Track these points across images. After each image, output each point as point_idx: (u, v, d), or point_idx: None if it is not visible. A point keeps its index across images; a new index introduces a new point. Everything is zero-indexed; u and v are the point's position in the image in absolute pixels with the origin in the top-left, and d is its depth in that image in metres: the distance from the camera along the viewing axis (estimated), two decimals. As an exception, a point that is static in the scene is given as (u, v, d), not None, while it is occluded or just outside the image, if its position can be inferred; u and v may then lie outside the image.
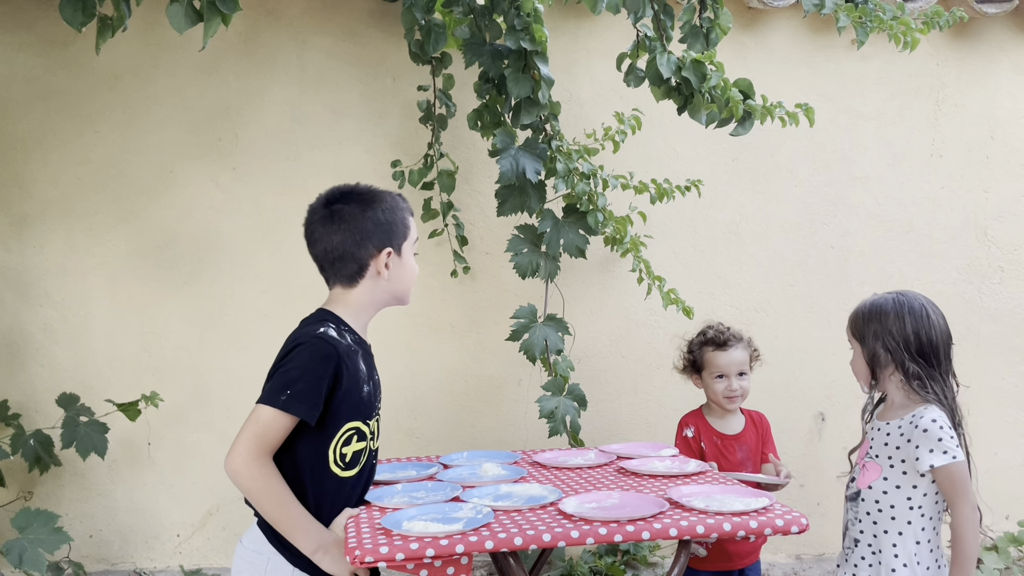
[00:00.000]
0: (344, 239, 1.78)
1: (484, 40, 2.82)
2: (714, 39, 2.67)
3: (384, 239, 1.79)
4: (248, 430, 1.66)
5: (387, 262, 1.80)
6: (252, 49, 3.16)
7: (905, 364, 1.96)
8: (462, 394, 3.31)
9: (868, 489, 1.99)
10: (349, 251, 1.78)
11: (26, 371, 3.12)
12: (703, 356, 2.53)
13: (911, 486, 1.93)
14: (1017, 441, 3.62)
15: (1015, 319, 3.61)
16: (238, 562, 1.79)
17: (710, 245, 3.42)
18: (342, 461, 1.75)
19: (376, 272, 1.80)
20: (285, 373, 1.68)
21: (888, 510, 1.95)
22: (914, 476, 1.92)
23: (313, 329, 1.73)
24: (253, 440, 1.65)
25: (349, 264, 1.80)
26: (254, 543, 1.75)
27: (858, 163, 3.49)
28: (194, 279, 3.17)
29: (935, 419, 1.90)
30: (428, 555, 1.52)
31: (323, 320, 1.78)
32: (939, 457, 1.87)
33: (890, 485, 1.95)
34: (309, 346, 1.70)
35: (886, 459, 1.97)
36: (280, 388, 1.66)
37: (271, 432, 1.66)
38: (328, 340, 1.71)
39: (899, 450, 1.95)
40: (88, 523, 3.17)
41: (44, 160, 3.09)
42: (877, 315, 2.01)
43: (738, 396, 2.50)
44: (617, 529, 1.61)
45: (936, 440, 1.88)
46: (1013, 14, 3.50)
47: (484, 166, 3.22)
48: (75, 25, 1.94)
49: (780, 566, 3.45)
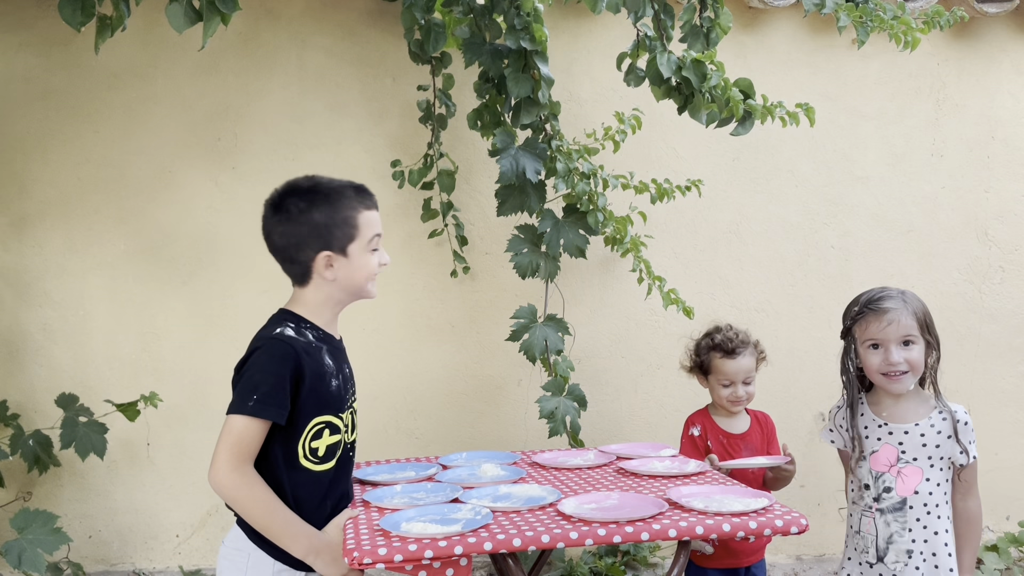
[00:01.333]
0: (285, 242, 1.77)
1: (484, 40, 2.82)
2: (714, 39, 2.66)
3: (322, 243, 1.74)
4: (224, 442, 1.66)
5: (329, 264, 1.76)
6: (252, 49, 3.16)
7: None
8: (462, 394, 3.31)
9: (915, 495, 1.97)
10: (290, 254, 1.77)
11: (25, 371, 3.11)
12: (711, 361, 2.51)
13: (946, 480, 1.98)
14: (1017, 441, 3.61)
15: (1015, 319, 3.60)
16: (221, 562, 1.79)
17: (710, 245, 3.41)
18: (313, 456, 1.75)
19: (320, 274, 1.77)
20: (249, 379, 1.68)
21: (935, 510, 1.96)
22: (948, 471, 1.98)
23: (270, 331, 1.74)
24: (230, 450, 1.66)
25: (294, 266, 1.79)
26: (234, 541, 1.76)
27: (858, 163, 3.49)
28: (193, 279, 3.17)
29: (967, 411, 1.98)
30: (427, 556, 1.52)
31: (282, 320, 1.78)
32: (975, 448, 1.97)
33: (933, 485, 1.97)
34: (266, 348, 1.70)
35: (926, 460, 1.97)
36: (247, 394, 1.66)
37: (246, 440, 1.66)
38: (284, 340, 1.71)
39: (939, 448, 1.97)
40: (87, 523, 3.17)
41: (43, 160, 3.09)
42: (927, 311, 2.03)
43: (743, 401, 2.51)
44: (616, 530, 1.61)
45: (971, 431, 1.97)
46: (1014, 14, 3.50)
47: (484, 166, 3.22)
48: (74, 25, 1.93)
49: (780, 566, 3.45)
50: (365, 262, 1.78)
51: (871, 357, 2.02)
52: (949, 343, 3.53)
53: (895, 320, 1.97)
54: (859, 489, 2.07)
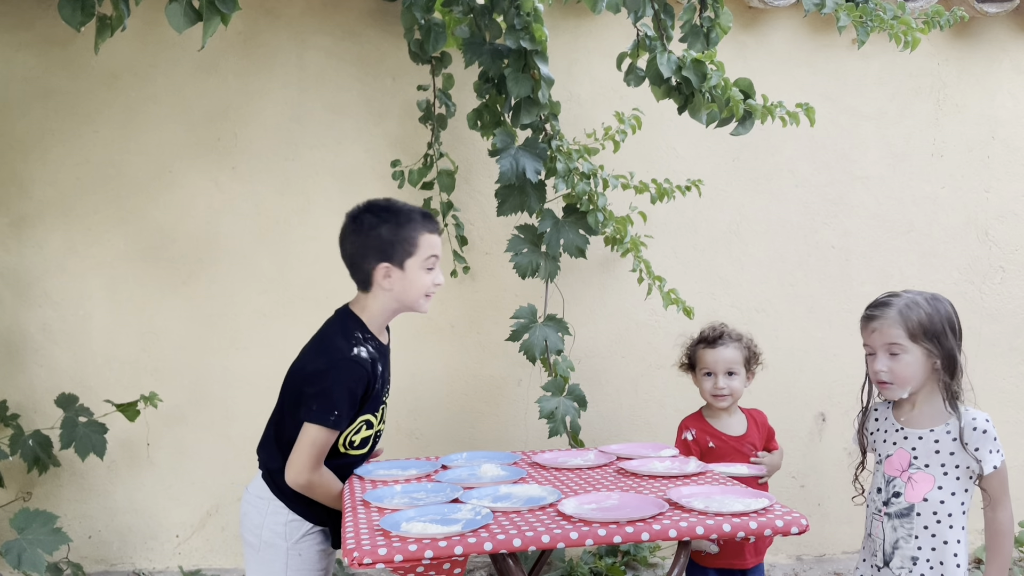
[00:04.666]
0: (353, 251, 2.04)
1: (484, 40, 2.82)
2: (714, 39, 2.66)
3: (383, 255, 1.99)
4: (305, 448, 1.93)
5: (387, 275, 2.00)
6: (251, 49, 3.16)
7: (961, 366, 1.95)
8: (462, 394, 3.31)
9: (923, 502, 1.93)
10: (356, 262, 2.04)
11: (25, 371, 3.11)
12: (696, 354, 2.54)
13: (963, 490, 1.92)
14: (1017, 441, 3.61)
15: (1016, 319, 3.60)
16: (245, 506, 2.08)
17: (710, 245, 3.41)
18: (350, 446, 2.04)
19: (379, 283, 2.02)
20: (329, 396, 1.92)
21: (946, 519, 1.91)
22: (966, 480, 1.91)
23: (347, 348, 1.96)
24: (311, 457, 1.93)
25: (359, 272, 2.04)
26: (258, 490, 2.05)
27: (859, 163, 3.49)
28: (193, 279, 3.16)
29: (987, 419, 1.91)
30: (427, 556, 1.52)
31: (352, 332, 2.01)
32: (996, 457, 1.90)
33: (946, 493, 1.92)
34: (347, 370, 1.94)
35: (938, 467, 1.93)
36: (329, 410, 1.92)
37: (323, 446, 1.95)
38: (361, 363, 1.96)
39: (953, 455, 1.91)
40: (87, 524, 3.17)
41: (43, 160, 3.09)
42: (944, 316, 1.95)
43: (726, 395, 2.48)
44: (616, 530, 1.60)
45: (992, 440, 1.90)
46: (1014, 14, 3.50)
47: (484, 166, 3.22)
48: (74, 25, 1.93)
49: (780, 567, 3.45)
50: (419, 278, 2.02)
51: (868, 363, 2.03)
52: (949, 343, 3.54)
53: (877, 328, 1.96)
54: (874, 492, 2.06)
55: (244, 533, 2.08)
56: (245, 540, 2.08)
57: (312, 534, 2.04)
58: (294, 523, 2.02)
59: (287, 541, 2.02)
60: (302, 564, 2.03)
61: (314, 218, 3.19)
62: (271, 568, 2.02)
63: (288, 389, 2.05)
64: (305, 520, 2.02)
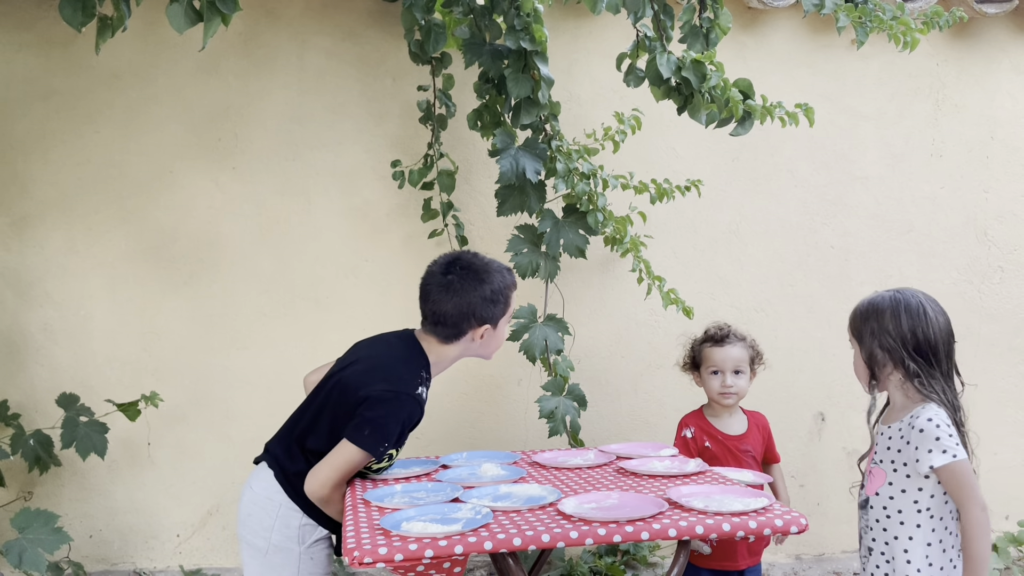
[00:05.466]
0: (453, 311, 2.02)
1: (484, 40, 2.82)
2: (714, 39, 2.66)
3: (486, 316, 2.03)
4: (339, 466, 1.91)
5: (483, 334, 2.06)
6: (252, 49, 3.16)
7: (904, 363, 1.91)
8: (462, 394, 3.31)
9: (875, 496, 1.95)
10: (454, 321, 2.03)
11: (26, 371, 3.12)
12: (701, 352, 2.56)
13: (916, 489, 1.88)
14: (1017, 441, 3.62)
15: (1015, 319, 3.61)
16: (249, 507, 2.02)
17: (710, 245, 3.42)
18: (368, 469, 2.06)
19: (469, 339, 2.06)
20: (383, 425, 1.92)
21: (896, 515, 1.90)
22: (918, 479, 1.88)
23: (412, 386, 1.97)
24: (341, 474, 1.93)
25: (451, 328, 2.04)
26: (267, 491, 2.00)
27: (858, 163, 3.49)
28: (194, 279, 3.17)
29: (931, 418, 1.85)
30: (427, 556, 1.52)
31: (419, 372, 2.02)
32: (939, 457, 1.81)
33: (895, 490, 1.91)
34: (407, 407, 1.95)
35: (889, 464, 1.93)
36: (379, 440, 1.92)
37: (357, 468, 1.96)
38: (420, 405, 1.99)
39: (900, 453, 1.91)
40: (88, 523, 3.17)
41: (44, 160, 3.10)
42: (874, 313, 1.96)
43: (733, 394, 2.50)
44: (616, 529, 1.61)
45: (933, 440, 1.82)
46: (1013, 14, 3.50)
47: (484, 166, 3.22)
48: (75, 25, 1.93)
49: (780, 566, 3.45)
50: (504, 333, 2.13)
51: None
52: (948, 343, 3.55)
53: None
54: None
55: (247, 535, 2.02)
56: (247, 541, 2.02)
57: (324, 539, 2.04)
58: (308, 527, 2.00)
59: (300, 545, 1.99)
60: (314, 568, 2.01)
61: (314, 218, 3.20)
62: (281, 572, 1.98)
63: (336, 402, 1.99)
64: (319, 525, 2.01)
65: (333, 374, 2.07)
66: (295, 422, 2.06)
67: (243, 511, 2.04)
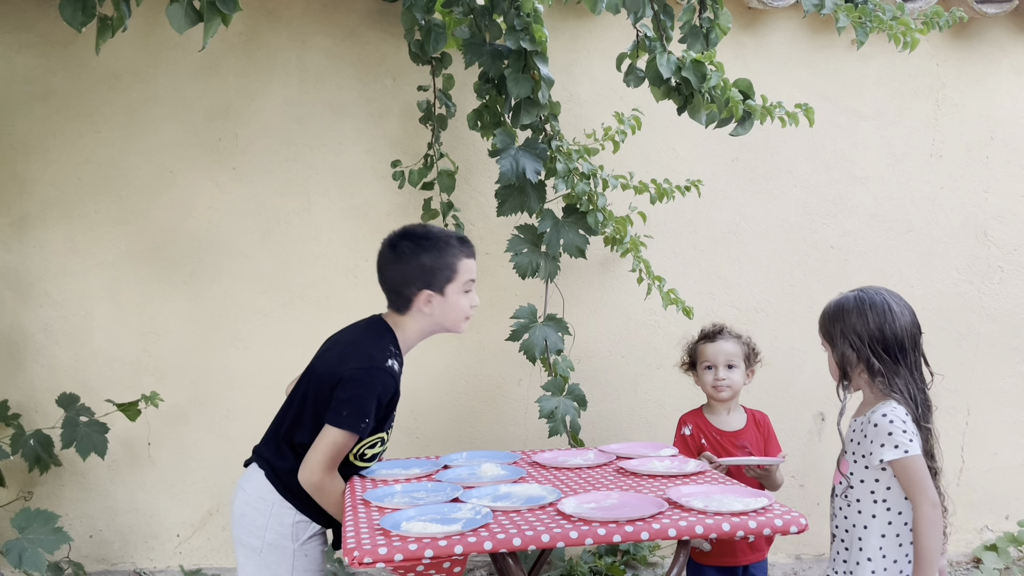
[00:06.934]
0: (395, 277, 2.08)
1: (484, 40, 2.82)
2: (714, 39, 2.66)
3: (425, 282, 2.05)
4: (325, 450, 1.93)
5: (428, 300, 2.05)
6: (252, 49, 3.16)
7: (870, 361, 1.97)
8: (462, 394, 3.31)
9: (839, 484, 2.04)
10: (397, 288, 2.08)
11: (26, 371, 3.12)
12: (697, 350, 2.59)
13: (873, 479, 1.96)
14: (1017, 441, 3.62)
15: (1015, 319, 3.61)
16: (242, 507, 2.03)
17: (710, 245, 3.42)
18: (360, 458, 2.05)
19: (419, 308, 2.07)
20: (360, 402, 1.94)
21: (855, 504, 1.98)
22: (875, 470, 1.95)
23: (382, 359, 2.00)
24: (331, 458, 1.94)
25: (399, 297, 2.09)
26: (259, 491, 2.02)
27: (858, 163, 3.49)
28: (194, 279, 3.17)
29: (885, 414, 1.92)
30: (427, 556, 1.52)
31: (387, 346, 2.05)
32: (890, 451, 1.89)
33: (855, 480, 1.99)
34: (381, 380, 1.98)
35: (851, 454, 2.02)
36: (359, 418, 1.94)
37: (342, 450, 1.96)
38: (393, 375, 2.01)
39: (859, 445, 1.99)
40: (88, 523, 3.17)
41: (44, 160, 3.10)
42: (840, 314, 2.02)
43: (726, 387, 2.51)
44: (616, 529, 1.61)
45: (886, 434, 1.90)
46: (1013, 14, 3.50)
47: (484, 166, 3.23)
48: (75, 25, 1.94)
49: (780, 566, 3.45)
50: (458, 302, 2.09)
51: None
52: (948, 343, 3.55)
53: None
54: None
55: (241, 535, 2.04)
56: (241, 542, 2.04)
57: (318, 535, 2.05)
58: (301, 524, 2.02)
59: (295, 542, 2.01)
60: (308, 565, 2.04)
61: (314, 218, 3.20)
62: (276, 570, 2.01)
63: (315, 392, 2.01)
64: (312, 521, 2.02)
65: (309, 369, 2.11)
66: (280, 422, 2.09)
67: (236, 512, 2.06)
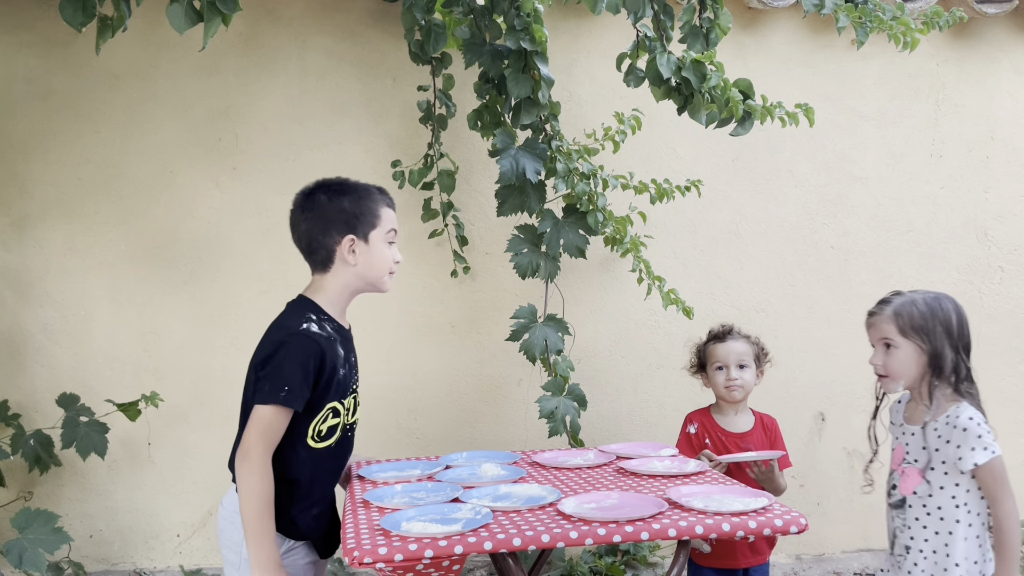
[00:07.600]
0: (311, 226, 1.93)
1: (484, 40, 2.82)
2: (714, 39, 2.66)
3: (347, 227, 1.91)
4: (255, 429, 1.80)
5: (352, 248, 1.91)
6: (252, 49, 3.16)
7: (958, 365, 1.99)
8: (462, 394, 3.31)
9: (913, 495, 2.00)
10: (316, 238, 1.93)
11: (26, 371, 3.12)
12: (706, 351, 2.59)
13: (954, 485, 1.95)
14: (1017, 441, 3.61)
15: (1015, 319, 3.61)
16: (222, 523, 1.97)
17: (710, 245, 3.42)
18: (318, 436, 1.92)
19: (343, 259, 1.92)
20: (279, 372, 1.81)
21: (936, 512, 1.97)
22: (956, 476, 1.94)
23: (296, 325, 1.87)
24: (261, 437, 1.80)
25: (319, 251, 1.94)
26: (233, 505, 1.91)
27: (858, 163, 3.49)
28: (194, 279, 3.17)
29: (971, 416, 1.94)
30: (427, 556, 1.52)
31: (304, 313, 1.92)
32: (981, 454, 1.90)
33: (934, 488, 1.97)
34: (296, 344, 1.84)
35: (925, 462, 1.99)
36: (278, 386, 1.80)
37: (275, 427, 1.81)
38: (312, 336, 1.85)
39: (938, 452, 1.96)
40: (88, 523, 3.17)
41: (44, 160, 3.10)
42: (941, 315, 2.01)
43: (739, 387, 2.51)
44: (616, 529, 1.61)
45: (976, 437, 1.91)
46: (1013, 14, 3.50)
47: (484, 166, 3.23)
48: (75, 25, 1.94)
49: (780, 566, 3.45)
50: (383, 252, 1.95)
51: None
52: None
53: (874, 324, 2.07)
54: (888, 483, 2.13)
55: (223, 550, 1.97)
56: (224, 557, 1.98)
57: (296, 548, 1.93)
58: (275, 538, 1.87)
59: None
60: None
61: (314, 218, 3.20)
62: None
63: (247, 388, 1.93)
64: (286, 536, 1.90)
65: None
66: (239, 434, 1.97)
67: (218, 528, 1.99)
